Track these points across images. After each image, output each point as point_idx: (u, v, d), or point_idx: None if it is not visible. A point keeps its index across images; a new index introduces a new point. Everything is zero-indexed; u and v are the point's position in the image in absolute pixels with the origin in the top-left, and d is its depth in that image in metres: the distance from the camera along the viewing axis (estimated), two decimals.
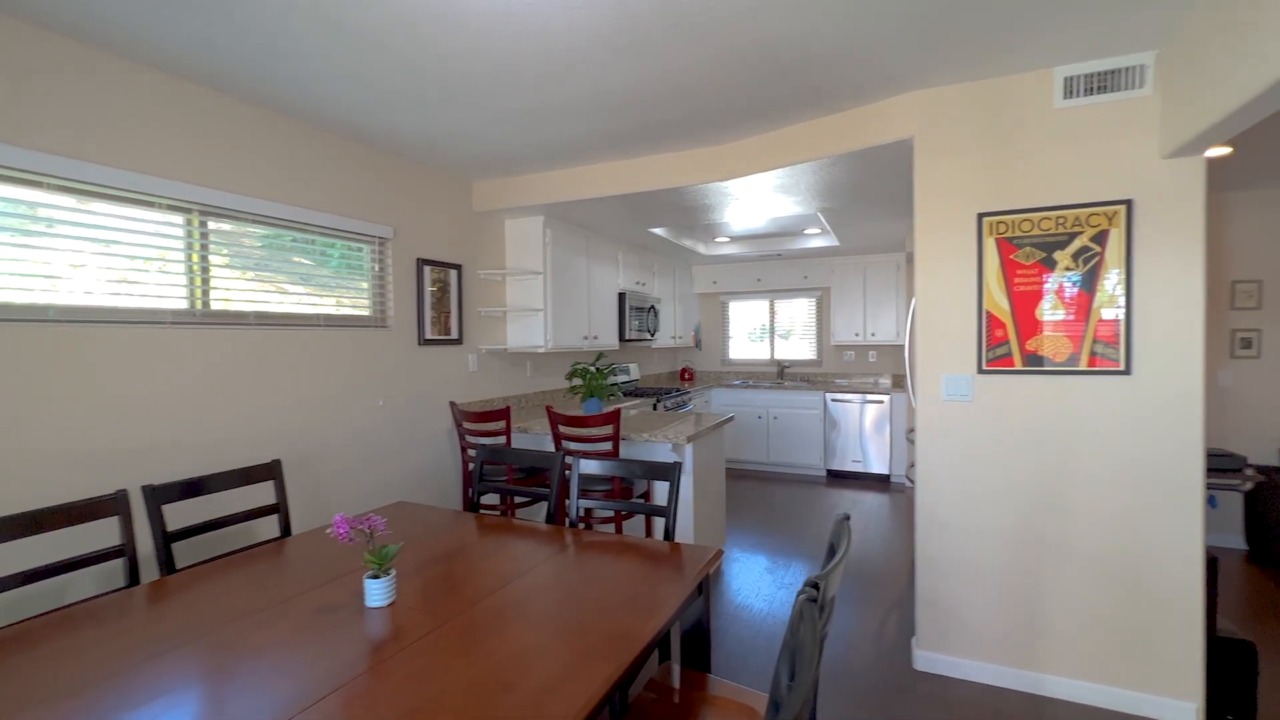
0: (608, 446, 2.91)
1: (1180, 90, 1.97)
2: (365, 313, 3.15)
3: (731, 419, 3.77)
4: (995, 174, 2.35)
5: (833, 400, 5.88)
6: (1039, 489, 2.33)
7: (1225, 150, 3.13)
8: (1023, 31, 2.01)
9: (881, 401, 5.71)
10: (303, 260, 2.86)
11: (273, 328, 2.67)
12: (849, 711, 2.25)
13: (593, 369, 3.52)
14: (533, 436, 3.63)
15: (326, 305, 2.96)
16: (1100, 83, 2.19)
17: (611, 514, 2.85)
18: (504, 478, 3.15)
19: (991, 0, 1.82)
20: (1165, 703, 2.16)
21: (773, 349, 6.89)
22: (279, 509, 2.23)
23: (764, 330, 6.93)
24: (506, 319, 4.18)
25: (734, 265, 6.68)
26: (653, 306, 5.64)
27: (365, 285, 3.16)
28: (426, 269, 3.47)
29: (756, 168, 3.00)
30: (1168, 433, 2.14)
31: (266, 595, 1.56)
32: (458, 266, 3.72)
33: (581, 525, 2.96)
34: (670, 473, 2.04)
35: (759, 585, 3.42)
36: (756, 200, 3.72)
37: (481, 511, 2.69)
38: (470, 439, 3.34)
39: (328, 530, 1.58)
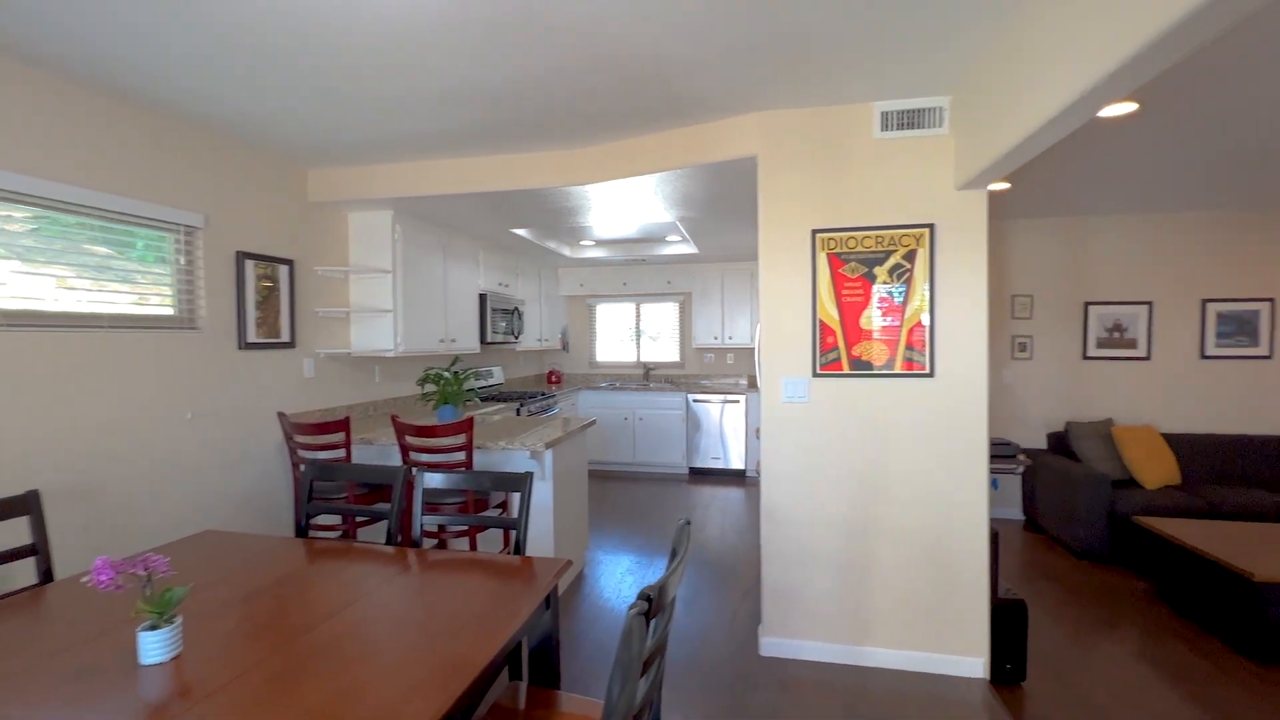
0: (460, 457, 2.76)
1: (967, 131, 2.30)
2: (169, 312, 2.70)
3: (593, 423, 3.77)
4: (827, 194, 2.57)
5: (694, 401, 6.14)
6: (865, 481, 2.59)
7: (1005, 185, 3.72)
8: (844, 69, 2.22)
9: (738, 401, 6.06)
10: (99, 250, 2.38)
11: (34, 329, 2.18)
12: (699, 702, 2.33)
13: (448, 373, 3.33)
14: (380, 449, 3.35)
15: (123, 304, 2.49)
16: (909, 119, 2.48)
17: (465, 529, 2.70)
18: (343, 495, 2.86)
19: (811, 39, 1.98)
20: (960, 660, 2.50)
21: (639, 351, 7.03)
22: (36, 551, 1.83)
23: (633, 333, 7.06)
24: (350, 320, 3.82)
25: (600, 269, 6.72)
26: (517, 308, 5.49)
27: (169, 281, 2.71)
28: (249, 263, 3.05)
29: (612, 174, 3.02)
30: (962, 426, 2.49)
31: (12, 657, 1.25)
32: (289, 262, 3.32)
33: (435, 544, 2.78)
34: (520, 483, 1.97)
35: (621, 587, 3.45)
36: (619, 206, 3.75)
37: (312, 536, 2.42)
38: (303, 454, 3.00)
39: (84, 579, 1.29)
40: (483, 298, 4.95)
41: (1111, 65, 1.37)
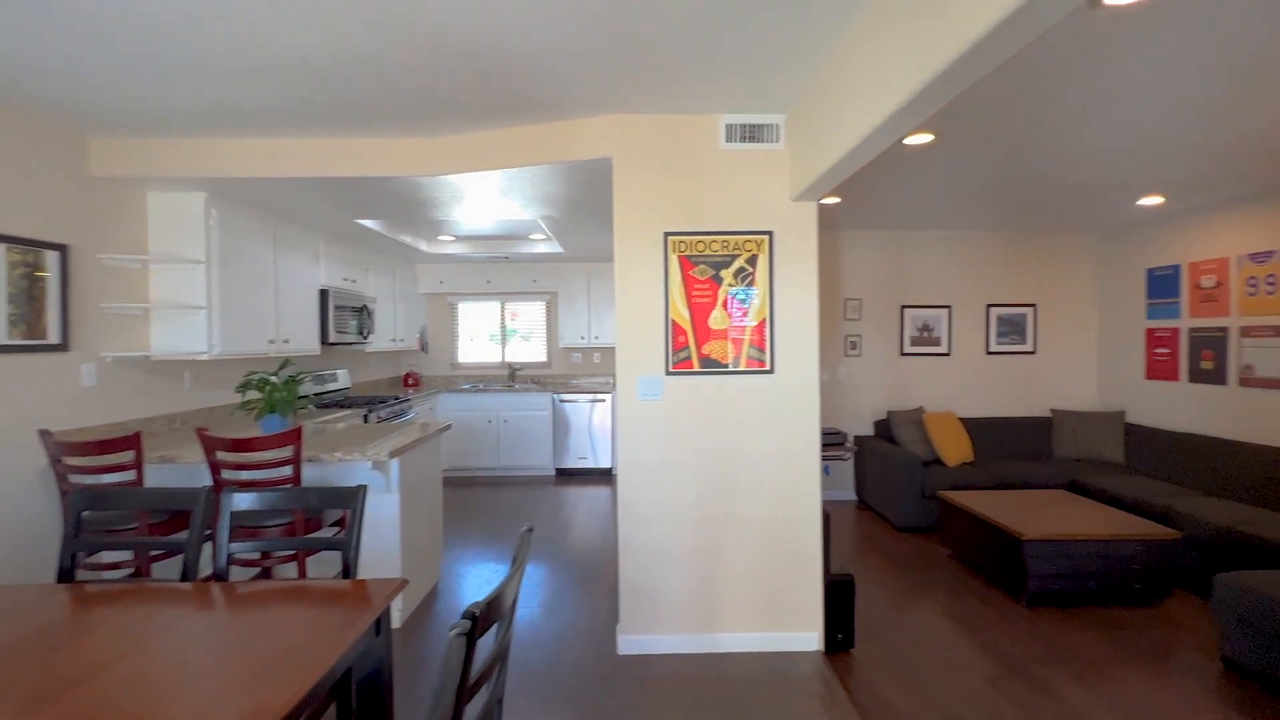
0: (287, 473, 2.46)
1: (800, 148, 2.49)
2: None
3: (448, 427, 3.58)
4: (678, 198, 2.66)
5: (561, 401, 6.08)
6: (716, 474, 2.71)
7: (836, 199, 4.12)
8: (691, 80, 2.30)
9: (604, 400, 6.11)
10: None
11: None
12: (558, 710, 2.30)
13: (274, 378, 2.95)
14: (188, 469, 2.89)
15: None
16: (751, 133, 2.64)
17: (292, 554, 2.42)
18: (134, 526, 2.42)
19: (660, 49, 2.03)
20: (799, 636, 2.71)
21: (504, 351, 6.82)
22: None
23: (498, 333, 6.83)
24: (151, 318, 3.27)
25: (462, 265, 6.42)
26: (366, 306, 5.06)
27: None
28: None
29: (465, 167, 2.88)
30: (798, 419, 2.70)
31: None
32: (61, 247, 2.75)
33: (256, 574, 2.45)
34: (351, 499, 1.80)
35: (480, 596, 3.30)
36: (476, 201, 3.59)
37: (89, 579, 2.01)
38: (77, 479, 2.49)
39: None
40: (324, 294, 4.49)
41: (904, 97, 1.55)
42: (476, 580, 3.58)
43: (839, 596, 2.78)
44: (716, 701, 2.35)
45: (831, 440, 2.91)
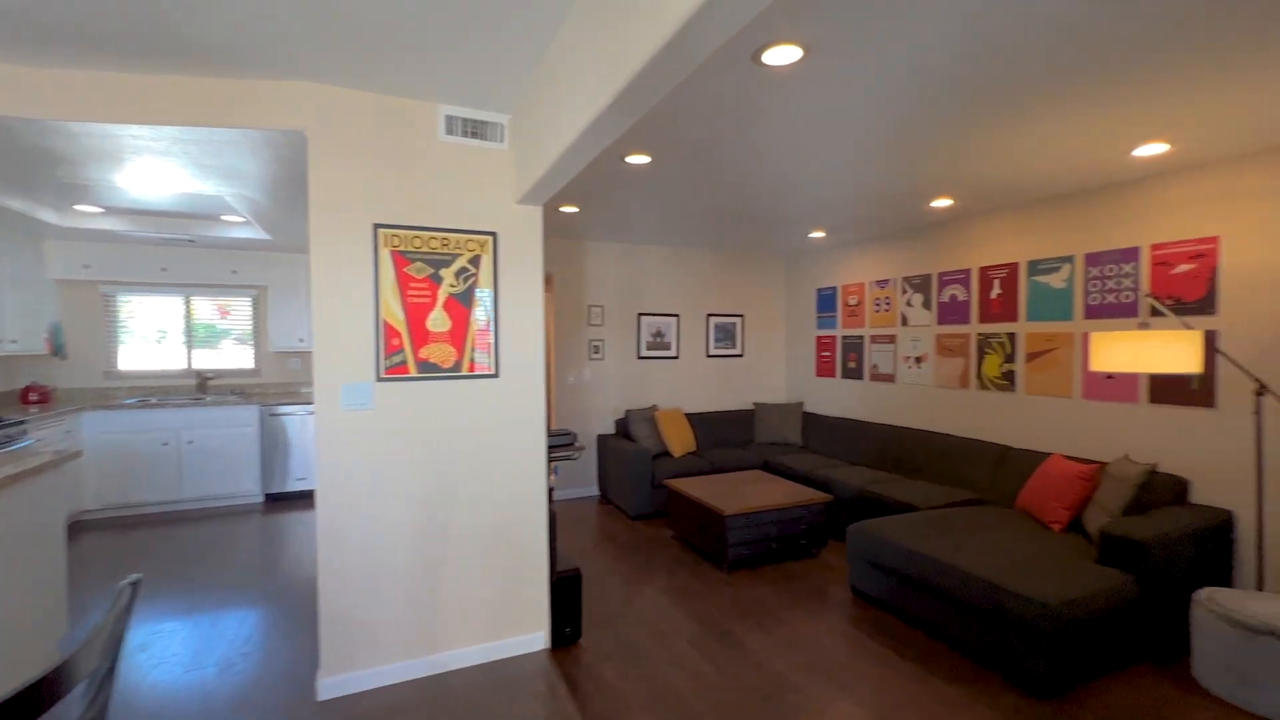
0: None
1: (522, 150, 2.49)
2: None
3: (76, 455, 2.73)
4: (391, 188, 2.43)
5: (273, 414, 5.17)
6: (437, 486, 2.55)
7: (574, 209, 4.27)
8: (405, 59, 2.12)
9: None
10: None
11: None
12: None
13: None
14: None
15: None
16: (474, 129, 2.55)
17: None
18: None
19: (359, 15, 1.83)
20: (526, 639, 2.71)
21: (190, 357, 5.54)
22: None
23: (191, 332, 5.50)
24: None
25: (122, 246, 5.02)
26: None
27: None
28: None
29: (98, 115, 2.22)
30: (525, 423, 2.69)
31: None
32: None
33: None
34: None
35: (160, 665, 2.57)
36: (130, 164, 2.81)
37: None
38: None
39: None
40: None
41: (607, 100, 1.63)
42: (156, 643, 2.79)
43: (566, 592, 2.85)
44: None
45: (561, 442, 2.98)
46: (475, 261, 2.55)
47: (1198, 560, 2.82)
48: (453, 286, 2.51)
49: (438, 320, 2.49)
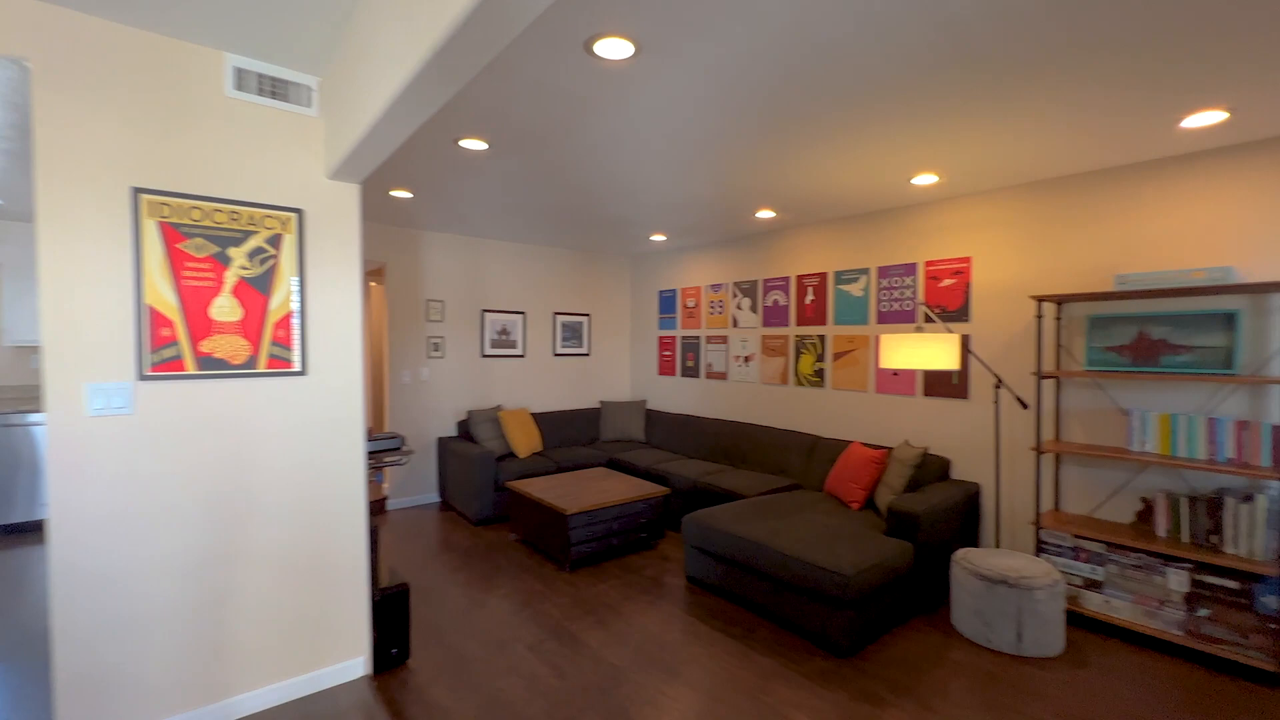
0: None
1: (334, 118, 2.23)
2: None
3: None
4: (158, 147, 2.03)
5: (6, 425, 4.10)
6: (226, 501, 2.18)
7: (408, 194, 3.95)
8: (184, 1, 1.78)
9: None
10: None
11: None
12: None
13: None
14: None
15: None
16: (275, 88, 2.23)
17: None
18: None
19: None
20: (341, 668, 2.43)
21: None
22: None
23: None
24: None
25: None
26: None
27: None
28: None
29: None
30: (339, 426, 2.41)
31: None
32: None
33: None
34: None
35: None
36: None
37: None
38: None
39: None
40: None
41: (415, 68, 1.49)
42: None
43: (392, 609, 2.62)
44: None
45: (385, 446, 2.73)
46: (275, 241, 2.23)
47: (957, 527, 3.38)
48: (245, 269, 2.16)
49: (225, 308, 2.13)
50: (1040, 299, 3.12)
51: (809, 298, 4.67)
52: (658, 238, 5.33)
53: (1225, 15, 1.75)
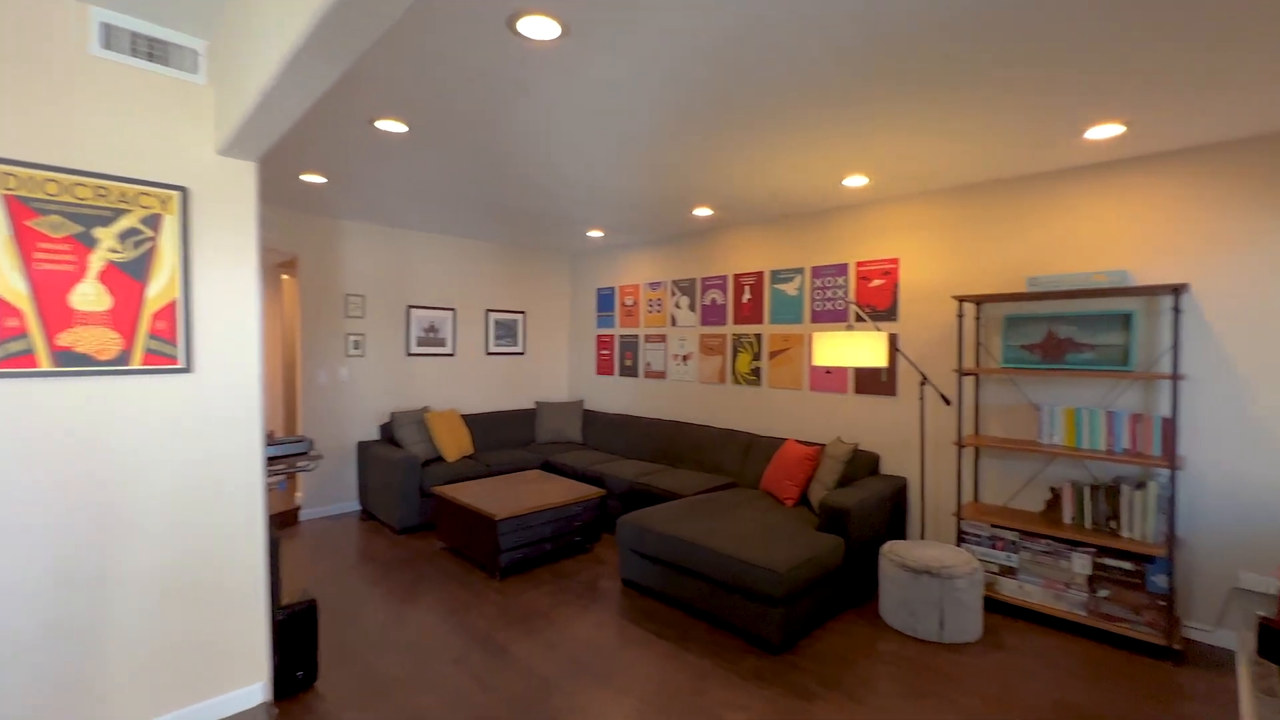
0: None
1: (224, 87, 2.00)
2: None
3: None
4: (4, 108, 1.75)
5: None
6: (94, 518, 1.91)
7: (321, 178, 3.67)
8: None
9: None
10: None
11: None
12: None
13: None
14: None
15: None
16: (152, 50, 1.98)
17: None
18: None
19: None
20: (236, 695, 2.19)
21: None
22: None
23: None
24: None
25: None
26: None
27: None
28: None
29: None
30: (230, 429, 2.17)
31: None
32: None
33: None
34: None
35: None
36: None
37: None
38: None
39: None
40: None
41: (303, 29, 1.33)
42: None
43: (297, 629, 2.39)
44: None
45: (289, 451, 2.50)
46: (153, 222, 1.97)
47: (886, 520, 3.47)
48: (115, 252, 1.90)
49: (90, 296, 1.86)
50: (961, 299, 3.24)
51: (746, 296, 4.69)
52: (595, 234, 5.23)
53: (1117, 36, 1.83)
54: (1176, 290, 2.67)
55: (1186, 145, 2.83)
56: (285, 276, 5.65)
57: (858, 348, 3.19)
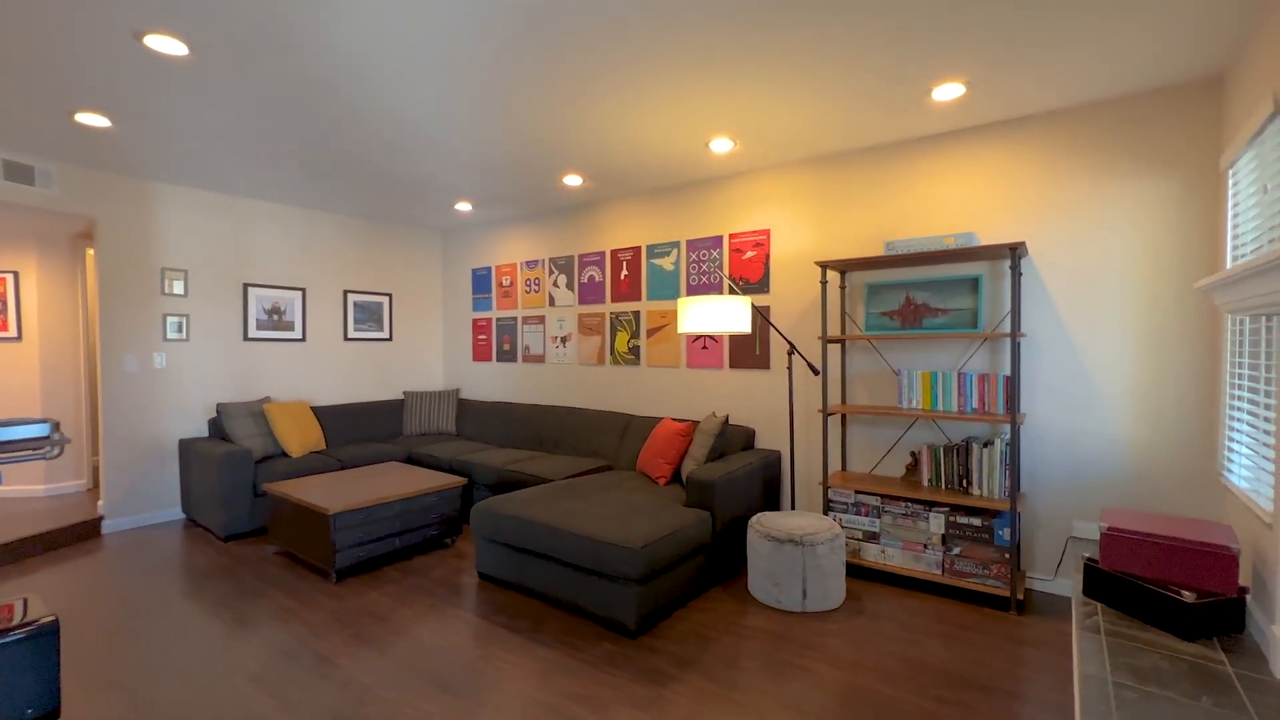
0: None
1: None
2: None
3: None
4: None
5: None
6: None
7: (104, 120, 3.05)
8: None
9: None
10: None
11: None
12: None
13: None
14: None
15: None
16: None
17: None
18: None
19: None
20: None
21: None
22: None
23: None
24: None
25: None
26: None
27: None
28: None
29: None
30: None
31: None
32: None
33: None
34: None
35: None
36: None
37: None
38: None
39: None
40: None
41: None
42: None
43: (30, 655, 1.87)
44: None
45: (15, 435, 1.97)
46: None
47: (759, 494, 3.37)
48: None
49: None
50: (824, 265, 3.21)
51: (624, 273, 4.50)
52: (463, 206, 4.84)
53: None
54: (1014, 250, 2.75)
55: (1024, 113, 2.94)
56: (91, 251, 4.79)
57: (720, 312, 3.07)
